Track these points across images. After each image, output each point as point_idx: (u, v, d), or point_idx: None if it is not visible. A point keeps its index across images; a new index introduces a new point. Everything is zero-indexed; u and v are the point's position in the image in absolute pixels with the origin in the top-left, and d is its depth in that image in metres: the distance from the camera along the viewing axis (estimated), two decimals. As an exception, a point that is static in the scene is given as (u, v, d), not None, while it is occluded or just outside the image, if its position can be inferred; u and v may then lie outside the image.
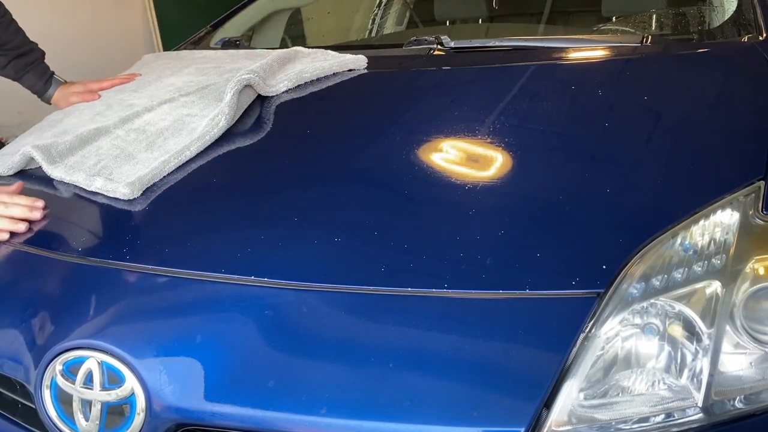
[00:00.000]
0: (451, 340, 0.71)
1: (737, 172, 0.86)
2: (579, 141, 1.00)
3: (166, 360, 0.75)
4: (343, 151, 1.07)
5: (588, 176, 0.91)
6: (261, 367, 0.73)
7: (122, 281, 0.86)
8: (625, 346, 0.71)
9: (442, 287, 0.75)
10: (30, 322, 0.85)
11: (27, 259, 0.95)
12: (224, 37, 1.74)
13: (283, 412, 0.70)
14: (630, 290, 0.73)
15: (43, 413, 0.79)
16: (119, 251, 0.90)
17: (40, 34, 1.50)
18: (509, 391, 0.67)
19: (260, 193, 1.00)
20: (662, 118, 1.04)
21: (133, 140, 1.13)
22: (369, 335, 0.74)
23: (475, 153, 0.99)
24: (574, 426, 0.67)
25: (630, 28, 1.58)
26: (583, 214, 0.84)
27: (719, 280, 0.73)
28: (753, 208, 0.80)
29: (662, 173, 0.88)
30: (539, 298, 0.73)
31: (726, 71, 1.19)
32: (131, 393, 0.74)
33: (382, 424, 0.67)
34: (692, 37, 1.44)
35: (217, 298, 0.80)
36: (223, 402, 0.72)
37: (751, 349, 0.71)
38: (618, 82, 1.18)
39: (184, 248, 0.89)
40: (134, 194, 0.99)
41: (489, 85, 1.22)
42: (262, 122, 1.19)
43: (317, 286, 0.79)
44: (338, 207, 0.92)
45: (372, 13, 2.27)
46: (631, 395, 0.69)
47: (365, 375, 0.70)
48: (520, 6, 2.13)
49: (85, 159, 1.10)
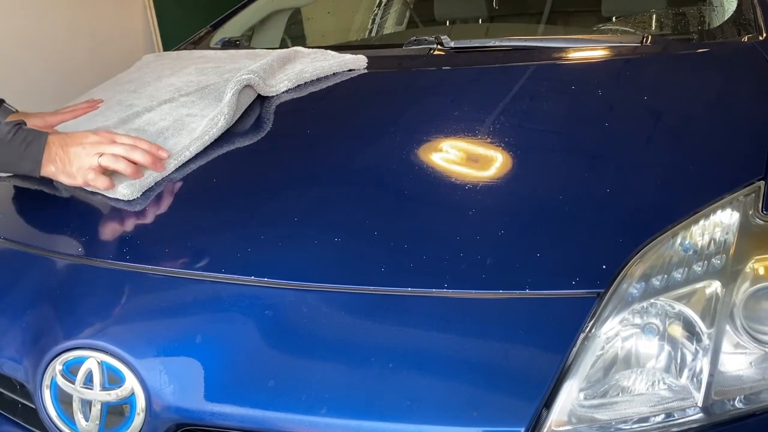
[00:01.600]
0: (451, 340, 0.71)
1: (737, 172, 0.86)
2: (579, 141, 1.00)
3: (166, 360, 0.75)
4: (342, 151, 1.07)
5: (588, 176, 0.91)
6: (261, 367, 0.73)
7: (122, 281, 0.86)
8: (625, 346, 0.71)
9: (442, 287, 0.75)
10: (30, 322, 0.84)
11: (27, 259, 0.95)
12: (224, 37, 1.74)
13: (283, 412, 0.70)
14: (630, 290, 0.73)
15: (43, 413, 0.79)
16: (119, 251, 0.90)
17: (40, 35, 1.49)
18: (509, 391, 0.68)
19: (260, 192, 1.00)
20: (662, 118, 1.04)
21: None
22: (369, 335, 0.74)
23: (475, 153, 0.99)
24: (574, 426, 0.67)
25: (630, 28, 1.58)
26: (583, 214, 0.84)
27: (719, 280, 0.73)
28: (753, 208, 0.80)
29: (662, 173, 0.88)
30: (539, 298, 0.73)
31: (726, 71, 1.19)
32: (131, 393, 0.74)
33: (381, 424, 0.67)
34: (692, 37, 1.44)
35: (217, 298, 0.80)
36: (223, 402, 0.72)
37: (751, 349, 0.71)
38: (618, 82, 1.18)
39: (184, 248, 0.89)
40: (134, 195, 0.99)
41: (489, 85, 1.22)
42: (262, 122, 1.19)
43: (317, 286, 0.79)
44: (338, 207, 0.92)
45: (372, 13, 2.27)
46: (631, 395, 0.69)
47: (365, 375, 0.70)
48: (520, 6, 2.13)
49: None
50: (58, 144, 1.01)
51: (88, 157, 1.00)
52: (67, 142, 1.01)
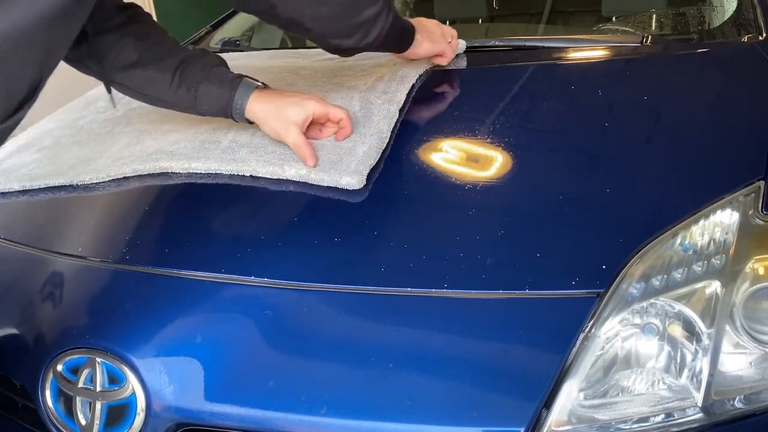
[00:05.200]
0: (451, 340, 0.71)
1: (737, 172, 0.86)
2: (579, 141, 1.00)
3: (166, 360, 0.75)
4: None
5: (588, 176, 0.91)
6: (261, 367, 0.73)
7: (122, 281, 0.86)
8: (625, 346, 0.71)
9: (442, 287, 0.75)
10: (30, 323, 0.85)
11: (27, 259, 0.95)
12: (224, 37, 1.74)
13: (283, 412, 0.70)
14: (630, 290, 0.73)
15: (44, 413, 0.79)
16: (119, 251, 0.90)
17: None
18: (509, 391, 0.68)
19: (260, 192, 1.00)
20: (662, 118, 1.04)
21: None
22: (369, 335, 0.74)
23: (475, 153, 0.99)
24: (574, 426, 0.67)
25: (630, 28, 1.58)
26: (582, 214, 0.84)
27: (719, 280, 0.73)
28: (753, 208, 0.80)
29: (662, 173, 0.88)
30: (539, 298, 0.73)
31: (726, 71, 1.19)
32: (131, 393, 0.74)
33: (382, 424, 0.67)
34: (692, 37, 1.44)
35: (217, 298, 0.80)
36: (223, 402, 0.72)
37: (751, 349, 0.71)
38: (618, 82, 1.18)
39: (184, 248, 0.89)
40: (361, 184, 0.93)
41: (488, 85, 1.22)
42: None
43: (317, 286, 0.79)
44: (338, 207, 0.92)
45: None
46: (631, 395, 0.69)
47: (365, 375, 0.70)
48: (521, 6, 2.13)
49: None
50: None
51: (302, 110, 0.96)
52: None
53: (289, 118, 0.96)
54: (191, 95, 0.97)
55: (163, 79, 0.97)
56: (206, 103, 0.98)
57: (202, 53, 1.01)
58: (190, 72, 0.97)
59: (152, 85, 0.98)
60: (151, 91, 1.00)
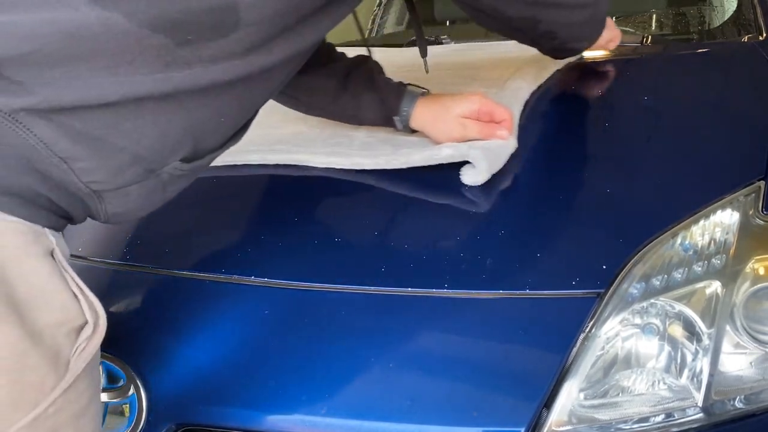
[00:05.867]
0: (451, 340, 0.71)
1: (737, 172, 0.86)
2: (579, 141, 1.00)
3: (166, 360, 0.75)
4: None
5: (588, 176, 0.91)
6: (261, 367, 0.73)
7: (121, 281, 0.86)
8: (625, 346, 0.71)
9: (442, 287, 0.75)
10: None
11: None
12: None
13: (283, 412, 0.70)
14: (630, 290, 0.73)
15: (43, 413, 0.79)
16: (120, 251, 0.90)
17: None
18: (509, 391, 0.67)
19: (259, 192, 1.00)
20: (662, 118, 1.04)
21: None
22: (369, 335, 0.74)
23: (475, 153, 0.99)
24: (574, 426, 0.67)
25: (630, 28, 1.58)
26: (583, 214, 0.84)
27: (719, 280, 0.73)
28: (753, 208, 0.80)
29: (662, 173, 0.88)
30: (539, 298, 0.73)
31: (726, 71, 1.19)
32: (131, 393, 0.74)
33: (382, 424, 0.67)
34: (692, 37, 1.44)
35: (217, 298, 0.80)
36: (223, 402, 0.72)
37: (751, 349, 0.71)
38: (618, 82, 1.18)
39: (184, 248, 0.89)
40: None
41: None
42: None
43: (317, 286, 0.79)
44: (337, 207, 0.92)
45: (372, 12, 2.27)
46: (631, 395, 0.69)
47: (365, 375, 0.70)
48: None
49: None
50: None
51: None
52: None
53: (460, 113, 0.92)
54: (355, 103, 0.95)
55: (326, 87, 0.95)
56: (371, 111, 0.95)
57: (363, 60, 0.97)
58: (353, 80, 0.95)
59: (315, 93, 0.96)
60: (313, 99, 0.97)
